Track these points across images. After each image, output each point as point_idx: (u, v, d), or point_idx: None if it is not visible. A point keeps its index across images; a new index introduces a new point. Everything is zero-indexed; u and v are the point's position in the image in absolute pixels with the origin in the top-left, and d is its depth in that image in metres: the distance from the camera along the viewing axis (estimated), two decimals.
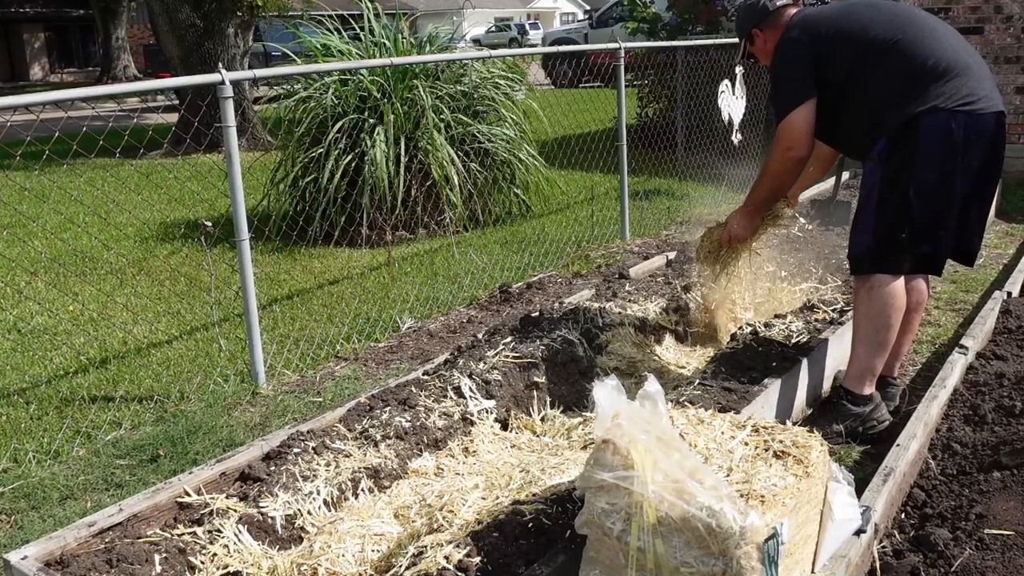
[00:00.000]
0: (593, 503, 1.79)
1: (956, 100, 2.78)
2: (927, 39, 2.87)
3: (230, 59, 11.33)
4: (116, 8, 29.07)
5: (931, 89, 2.79)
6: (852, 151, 3.20)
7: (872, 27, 2.91)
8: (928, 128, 2.78)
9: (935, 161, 2.80)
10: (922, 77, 2.80)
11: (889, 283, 2.91)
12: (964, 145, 2.78)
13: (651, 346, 3.58)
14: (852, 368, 3.08)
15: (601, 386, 1.89)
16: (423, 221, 6.39)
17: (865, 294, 2.96)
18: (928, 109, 2.78)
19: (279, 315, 4.77)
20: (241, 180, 3.65)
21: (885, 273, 2.92)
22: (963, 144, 2.78)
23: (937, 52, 2.84)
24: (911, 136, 2.80)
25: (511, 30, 40.96)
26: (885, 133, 2.85)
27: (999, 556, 2.17)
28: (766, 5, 3.13)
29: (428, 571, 2.03)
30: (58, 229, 6.92)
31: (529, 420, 3.00)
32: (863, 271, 2.97)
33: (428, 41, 7.08)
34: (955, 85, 2.79)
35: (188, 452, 3.19)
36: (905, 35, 2.86)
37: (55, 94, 3.14)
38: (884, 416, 3.06)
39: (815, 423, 3.03)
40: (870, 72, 2.87)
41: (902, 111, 2.80)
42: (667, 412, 1.95)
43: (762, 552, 1.69)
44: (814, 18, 3.01)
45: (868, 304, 2.95)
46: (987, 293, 4.41)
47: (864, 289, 2.96)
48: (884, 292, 2.92)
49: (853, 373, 3.06)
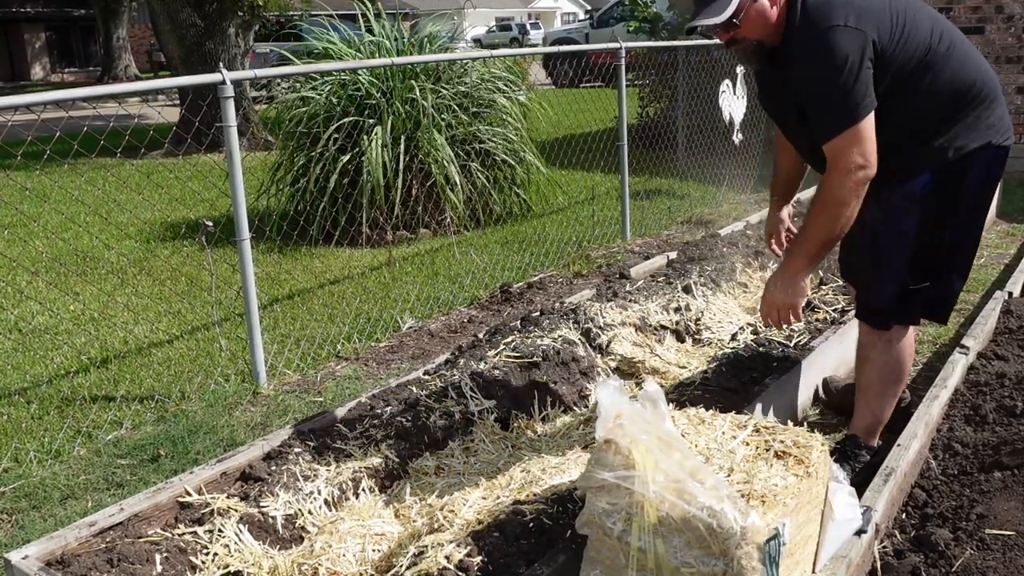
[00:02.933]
0: (594, 503, 1.80)
1: (1003, 133, 2.44)
2: (972, 52, 2.45)
3: (231, 59, 11.34)
4: (117, 8, 29.08)
5: (982, 118, 2.41)
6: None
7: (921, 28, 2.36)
8: (980, 167, 2.42)
9: (974, 201, 2.46)
10: (974, 100, 2.40)
11: (907, 333, 2.62)
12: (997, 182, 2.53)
13: (652, 346, 3.57)
14: (865, 422, 2.75)
15: (603, 386, 1.89)
16: (424, 221, 6.39)
17: (884, 347, 2.61)
18: (983, 146, 2.40)
19: (280, 315, 4.77)
20: (242, 180, 3.65)
21: (904, 324, 2.60)
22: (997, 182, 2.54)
23: (984, 69, 2.44)
24: (963, 175, 2.40)
25: (512, 30, 40.96)
26: (930, 167, 2.40)
27: (1000, 556, 2.17)
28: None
29: (429, 571, 2.04)
30: (59, 229, 6.92)
31: (530, 420, 3.00)
32: (883, 325, 2.60)
33: (428, 40, 7.08)
34: (998, 114, 2.45)
35: (189, 452, 3.19)
36: (953, 43, 2.40)
37: (56, 94, 3.14)
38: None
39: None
40: (917, 85, 2.35)
41: (954, 143, 2.38)
42: (668, 412, 1.95)
43: (763, 552, 1.69)
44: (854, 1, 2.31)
45: (887, 358, 2.62)
46: (988, 293, 4.41)
47: (882, 343, 2.61)
48: (904, 345, 2.62)
49: (866, 427, 2.75)
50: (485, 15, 41.90)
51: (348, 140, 6.15)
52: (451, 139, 6.39)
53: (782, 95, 2.50)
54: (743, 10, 2.30)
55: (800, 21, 2.31)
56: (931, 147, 2.38)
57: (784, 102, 2.50)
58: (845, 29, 2.24)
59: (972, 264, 2.62)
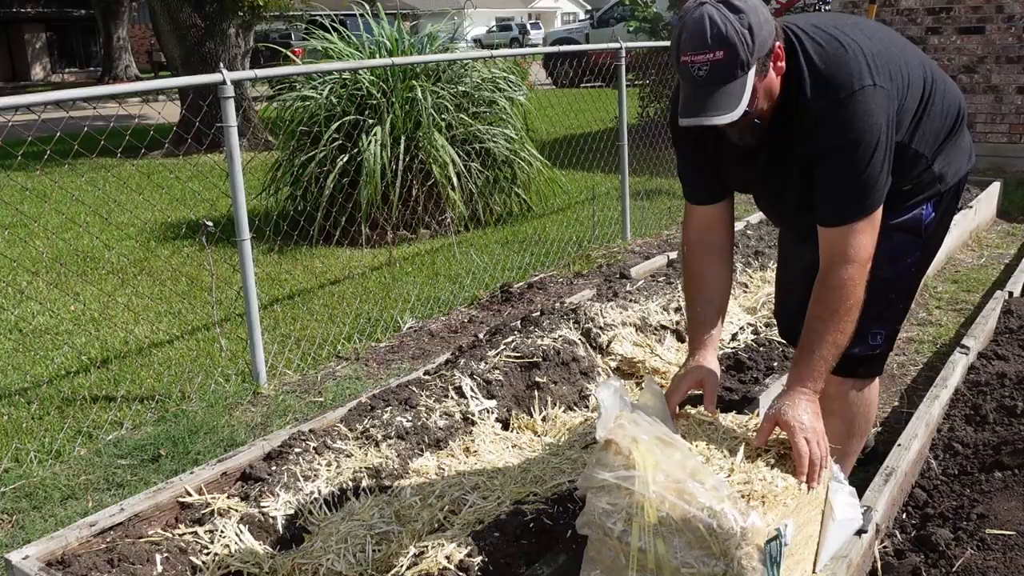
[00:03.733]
0: (594, 503, 1.80)
1: (973, 154, 2.26)
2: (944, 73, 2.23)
3: (231, 59, 11.34)
4: (117, 8, 29.08)
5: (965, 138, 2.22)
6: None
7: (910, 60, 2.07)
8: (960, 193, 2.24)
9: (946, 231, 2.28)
10: (960, 122, 2.18)
11: (876, 384, 2.35)
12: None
13: (652, 346, 3.58)
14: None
15: (604, 387, 1.89)
16: (424, 221, 6.39)
17: (856, 397, 2.27)
18: (969, 170, 2.22)
19: (280, 315, 4.77)
20: (242, 180, 3.65)
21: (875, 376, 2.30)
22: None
23: (955, 87, 2.22)
24: (955, 201, 2.22)
25: (512, 30, 40.96)
26: (934, 196, 2.14)
27: (1000, 556, 2.17)
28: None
29: (429, 571, 2.04)
30: (59, 229, 6.92)
31: (530, 420, 3.00)
32: (863, 375, 2.25)
33: (428, 40, 7.08)
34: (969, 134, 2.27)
35: (189, 452, 3.19)
36: (933, 69, 2.15)
37: (56, 94, 3.14)
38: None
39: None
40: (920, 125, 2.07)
41: (950, 169, 2.15)
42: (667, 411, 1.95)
43: (763, 553, 1.69)
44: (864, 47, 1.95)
45: (859, 406, 2.28)
46: (988, 293, 4.41)
47: (854, 392, 2.26)
48: (874, 389, 2.33)
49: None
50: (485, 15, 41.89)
51: (348, 140, 6.16)
52: (451, 139, 6.39)
53: (777, 167, 2.05)
54: (755, 94, 1.86)
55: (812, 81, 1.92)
56: (932, 176, 2.12)
57: (781, 172, 2.06)
58: (875, 89, 1.88)
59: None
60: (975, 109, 7.74)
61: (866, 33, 2.01)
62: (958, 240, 5.40)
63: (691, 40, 1.81)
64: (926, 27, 7.84)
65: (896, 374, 3.63)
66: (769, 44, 1.84)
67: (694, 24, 1.81)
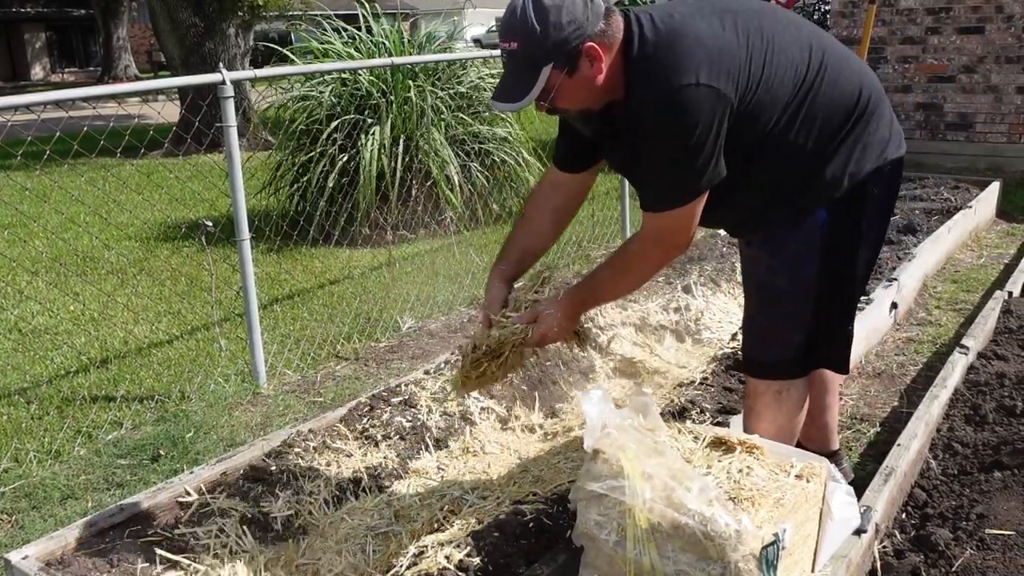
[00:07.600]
0: (586, 515, 1.80)
1: (896, 144, 2.10)
2: (847, 58, 2.08)
3: (231, 59, 11.34)
4: (117, 8, 29.09)
5: (872, 132, 2.05)
6: (740, 225, 2.22)
7: (789, 54, 1.98)
8: (878, 190, 2.08)
9: (877, 230, 2.16)
10: (860, 116, 2.03)
11: (802, 385, 2.23)
12: (896, 197, 2.20)
13: (652, 346, 3.58)
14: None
15: (587, 398, 1.88)
16: (423, 221, 6.39)
17: (772, 400, 2.21)
18: (878, 167, 2.06)
19: (280, 315, 4.77)
20: (242, 180, 3.65)
21: (798, 377, 2.22)
22: (896, 196, 2.20)
23: (864, 73, 2.08)
24: (860, 203, 2.06)
25: None
26: (822, 202, 2.04)
27: (1000, 556, 2.17)
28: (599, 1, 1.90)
29: (429, 571, 2.04)
30: (59, 229, 6.92)
31: (530, 420, 3.00)
32: (776, 375, 2.20)
33: (427, 40, 7.08)
34: (886, 120, 2.10)
35: (189, 452, 3.19)
36: (826, 57, 2.02)
37: (56, 94, 3.14)
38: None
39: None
40: (796, 120, 1.98)
41: (846, 170, 2.02)
42: (659, 418, 1.94)
43: (760, 556, 1.69)
44: (707, 41, 1.88)
45: (777, 412, 2.22)
46: (988, 293, 4.41)
47: (771, 394, 2.20)
48: (798, 396, 2.23)
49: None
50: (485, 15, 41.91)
51: (348, 140, 6.16)
52: (451, 139, 6.39)
53: (626, 152, 2.06)
54: (553, 89, 1.87)
55: (639, 76, 1.88)
56: (822, 180, 2.01)
57: (626, 156, 2.08)
58: (697, 88, 1.82)
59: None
60: (975, 109, 7.74)
61: (727, 23, 1.93)
62: (958, 240, 5.40)
63: (501, 26, 1.90)
64: (926, 27, 7.83)
65: (896, 374, 3.63)
66: (573, 43, 1.83)
67: (507, 11, 1.89)
